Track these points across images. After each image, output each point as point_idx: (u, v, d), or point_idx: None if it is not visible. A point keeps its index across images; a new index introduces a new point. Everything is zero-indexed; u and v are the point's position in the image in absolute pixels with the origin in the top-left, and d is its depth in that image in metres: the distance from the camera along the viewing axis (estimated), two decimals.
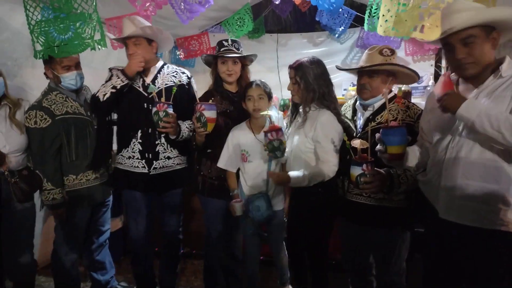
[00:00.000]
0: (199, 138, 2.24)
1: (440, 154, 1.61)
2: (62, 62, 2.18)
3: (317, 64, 2.09)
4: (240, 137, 2.24)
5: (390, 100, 1.90)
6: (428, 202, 1.69)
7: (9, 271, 2.27)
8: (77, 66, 2.26)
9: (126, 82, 2.18)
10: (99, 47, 1.95)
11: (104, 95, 2.16)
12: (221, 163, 2.26)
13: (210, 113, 2.10)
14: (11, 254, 2.23)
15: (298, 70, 2.09)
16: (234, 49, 2.32)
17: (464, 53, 1.48)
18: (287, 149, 2.04)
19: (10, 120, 2.14)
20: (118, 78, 2.18)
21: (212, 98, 2.25)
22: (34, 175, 2.21)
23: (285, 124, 2.35)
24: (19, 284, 2.31)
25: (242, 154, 2.24)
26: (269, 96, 2.23)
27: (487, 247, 1.51)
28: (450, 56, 1.55)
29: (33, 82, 2.61)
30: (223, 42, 2.36)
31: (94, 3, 1.91)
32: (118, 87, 2.16)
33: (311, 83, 2.06)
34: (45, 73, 2.29)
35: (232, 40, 2.37)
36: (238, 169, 2.31)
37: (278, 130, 1.93)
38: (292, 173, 2.01)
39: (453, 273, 1.64)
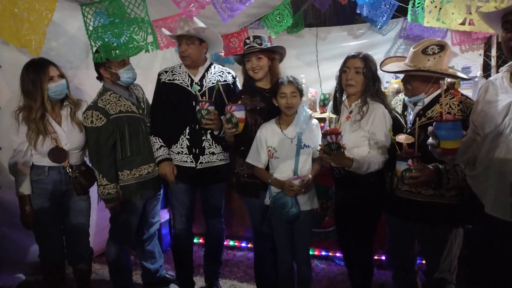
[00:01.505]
0: (228, 138, 2.31)
1: (490, 148, 1.55)
2: (116, 60, 2.30)
3: (373, 59, 2.14)
4: (268, 133, 2.24)
5: (446, 92, 1.83)
6: (476, 197, 1.65)
7: (69, 257, 2.44)
8: (129, 61, 2.40)
9: None
10: (152, 49, 2.06)
11: None
12: (250, 159, 2.28)
13: (240, 114, 2.15)
14: (72, 241, 2.41)
15: (366, 60, 2.09)
16: (256, 45, 2.30)
17: None
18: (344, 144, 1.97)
19: (71, 119, 2.31)
20: None
21: (242, 96, 2.27)
22: (91, 170, 2.37)
23: (315, 122, 2.31)
24: (78, 270, 2.48)
25: (268, 151, 2.23)
26: (301, 93, 2.21)
27: None
28: (507, 36, 1.48)
29: (88, 83, 2.79)
30: (246, 40, 2.36)
31: (145, 8, 2.02)
32: None
33: (375, 74, 2.10)
34: (97, 77, 2.44)
35: (254, 37, 2.34)
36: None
37: (338, 134, 1.90)
38: (354, 157, 1.98)
39: (499, 270, 1.59)
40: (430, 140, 1.66)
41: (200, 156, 2.44)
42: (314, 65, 4.31)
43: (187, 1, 2.43)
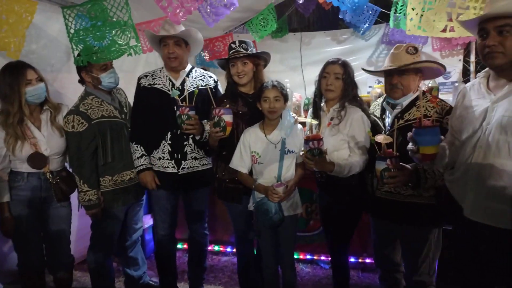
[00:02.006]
0: (213, 142, 2.28)
1: (468, 153, 1.59)
2: (99, 63, 2.26)
3: (351, 65, 2.21)
4: (252, 138, 2.23)
5: (415, 100, 1.96)
6: (455, 200, 1.68)
7: (50, 265, 2.38)
8: (111, 64, 2.36)
9: None
10: (135, 52, 2.03)
11: None
12: (233, 164, 2.25)
13: (228, 117, 2.13)
14: (52, 249, 2.35)
15: (345, 66, 2.16)
16: (242, 50, 2.30)
17: (496, 41, 1.46)
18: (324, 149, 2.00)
19: (51, 124, 2.26)
20: None
21: (225, 100, 2.26)
22: (72, 176, 2.32)
23: (299, 127, 2.33)
24: (59, 278, 2.42)
25: (252, 156, 2.22)
26: (285, 97, 2.21)
27: (507, 247, 1.48)
28: (482, 43, 1.53)
29: (69, 86, 2.74)
30: (231, 44, 2.35)
31: (128, 11, 2.00)
32: None
33: (353, 80, 2.17)
34: (79, 80, 2.40)
35: (240, 41, 2.34)
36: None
37: (320, 140, 1.93)
38: (335, 161, 2.03)
39: (484, 275, 1.62)
40: (409, 145, 1.69)
41: (182, 162, 2.41)
42: (299, 69, 4.35)
43: (174, 7, 2.42)
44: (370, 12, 3.62)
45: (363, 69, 2.31)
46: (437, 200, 1.94)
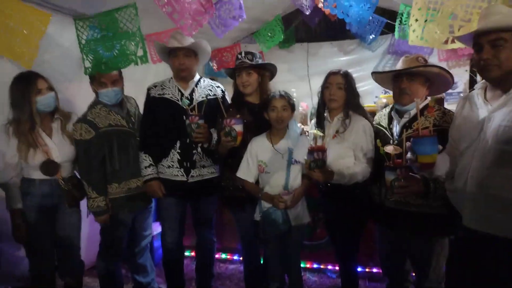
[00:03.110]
0: (223, 150, 2.30)
1: (466, 162, 1.61)
2: (100, 79, 2.32)
3: (351, 75, 2.27)
4: (258, 147, 2.24)
5: (422, 109, 1.96)
6: (455, 209, 1.70)
7: (60, 271, 2.42)
8: (115, 83, 2.37)
9: None
10: (142, 62, 2.09)
11: None
12: (240, 173, 2.26)
13: (239, 127, 2.15)
14: (63, 255, 2.40)
15: (347, 76, 2.23)
16: (248, 61, 2.35)
17: (490, 54, 1.50)
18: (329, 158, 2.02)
19: (62, 132, 2.32)
20: None
21: (230, 109, 2.29)
22: (81, 183, 2.37)
23: (306, 137, 2.37)
24: (69, 283, 2.45)
25: (259, 165, 2.23)
26: (293, 107, 2.24)
27: (506, 255, 1.50)
28: (477, 57, 1.57)
29: (80, 95, 2.79)
30: (238, 55, 2.40)
31: (137, 22, 2.06)
32: None
33: (355, 89, 2.23)
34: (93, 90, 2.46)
35: (246, 52, 2.39)
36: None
37: (324, 151, 1.95)
38: (336, 170, 2.06)
39: (480, 282, 1.62)
40: (408, 155, 1.72)
41: (191, 170, 2.44)
42: (305, 79, 4.40)
43: (186, 20, 2.48)
44: (376, 23, 3.67)
45: (373, 72, 2.29)
46: (446, 210, 1.94)
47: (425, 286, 2.07)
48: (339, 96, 2.22)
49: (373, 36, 3.71)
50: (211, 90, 2.55)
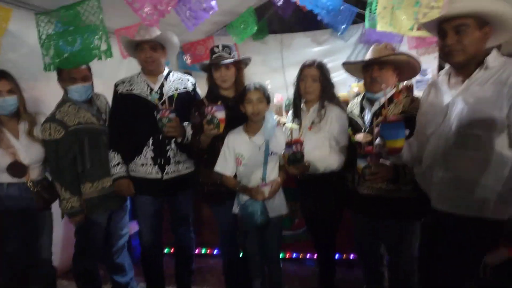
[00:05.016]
0: (205, 140, 2.24)
1: (433, 146, 1.68)
2: (68, 75, 2.25)
3: (326, 66, 2.28)
4: (236, 140, 2.24)
5: (392, 96, 2.03)
6: (424, 192, 1.77)
7: (31, 277, 2.34)
8: (84, 79, 2.31)
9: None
10: (106, 57, 2.03)
11: None
12: (218, 167, 2.24)
13: (221, 114, 2.12)
14: (33, 260, 2.32)
15: (321, 68, 2.24)
16: (226, 54, 2.31)
17: (454, 40, 1.55)
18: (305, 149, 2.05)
19: (29, 133, 2.25)
20: None
21: (206, 103, 2.25)
22: (53, 184, 2.31)
23: (281, 128, 2.38)
24: None
25: (237, 158, 2.23)
26: (268, 99, 2.24)
27: (472, 233, 1.59)
28: (442, 43, 1.62)
29: (48, 94, 2.71)
30: (214, 48, 2.35)
31: (100, 16, 2.00)
32: None
33: (330, 80, 2.25)
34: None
35: (223, 46, 2.34)
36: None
37: (302, 143, 1.98)
38: (310, 160, 2.09)
39: (448, 261, 1.69)
40: (377, 140, 1.77)
41: (166, 166, 2.41)
42: (280, 70, 4.41)
43: (147, 9, 2.43)
44: (348, 13, 3.70)
45: (344, 63, 2.32)
46: (416, 194, 2.00)
47: (398, 269, 2.14)
48: (315, 88, 2.24)
49: (345, 25, 3.74)
50: (181, 84, 2.51)
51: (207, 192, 2.38)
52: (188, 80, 2.56)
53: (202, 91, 2.63)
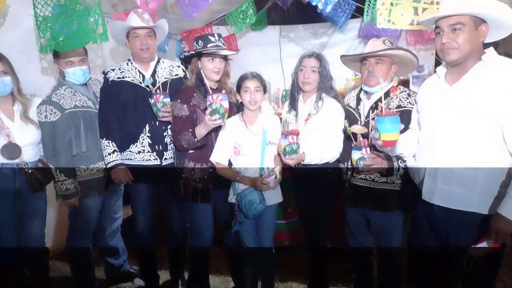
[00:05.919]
0: (205, 131, 2.16)
1: (427, 141, 1.72)
2: (66, 58, 2.23)
3: (326, 58, 2.29)
4: (232, 130, 2.21)
5: (388, 90, 2.05)
6: (415, 185, 1.81)
7: (22, 259, 2.37)
8: (82, 62, 2.30)
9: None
10: (101, 40, 2.02)
11: None
12: (214, 157, 2.21)
13: (226, 103, 2.04)
14: (25, 241, 2.32)
15: (320, 59, 2.24)
16: (221, 45, 2.22)
17: (449, 38, 1.57)
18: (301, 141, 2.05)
19: (24, 115, 2.24)
20: None
21: (195, 94, 2.23)
22: (47, 167, 2.30)
23: (277, 118, 2.39)
24: (33, 272, 2.41)
25: (234, 148, 2.20)
26: (265, 88, 2.24)
27: (459, 225, 1.63)
28: (438, 40, 1.64)
29: (44, 76, 2.71)
30: (209, 37, 2.21)
31: None
32: None
33: (328, 72, 2.25)
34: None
35: (218, 35, 2.25)
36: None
37: (298, 134, 1.99)
38: (306, 151, 2.11)
39: (435, 253, 1.75)
40: (372, 133, 1.80)
41: (164, 152, 2.41)
42: (278, 62, 4.40)
43: None
44: (347, 6, 3.69)
45: (342, 56, 2.29)
46: (408, 187, 2.03)
47: (387, 259, 2.18)
48: (313, 79, 2.25)
49: (344, 19, 3.74)
50: (172, 70, 2.51)
51: (193, 188, 2.28)
52: (179, 67, 2.56)
53: None
